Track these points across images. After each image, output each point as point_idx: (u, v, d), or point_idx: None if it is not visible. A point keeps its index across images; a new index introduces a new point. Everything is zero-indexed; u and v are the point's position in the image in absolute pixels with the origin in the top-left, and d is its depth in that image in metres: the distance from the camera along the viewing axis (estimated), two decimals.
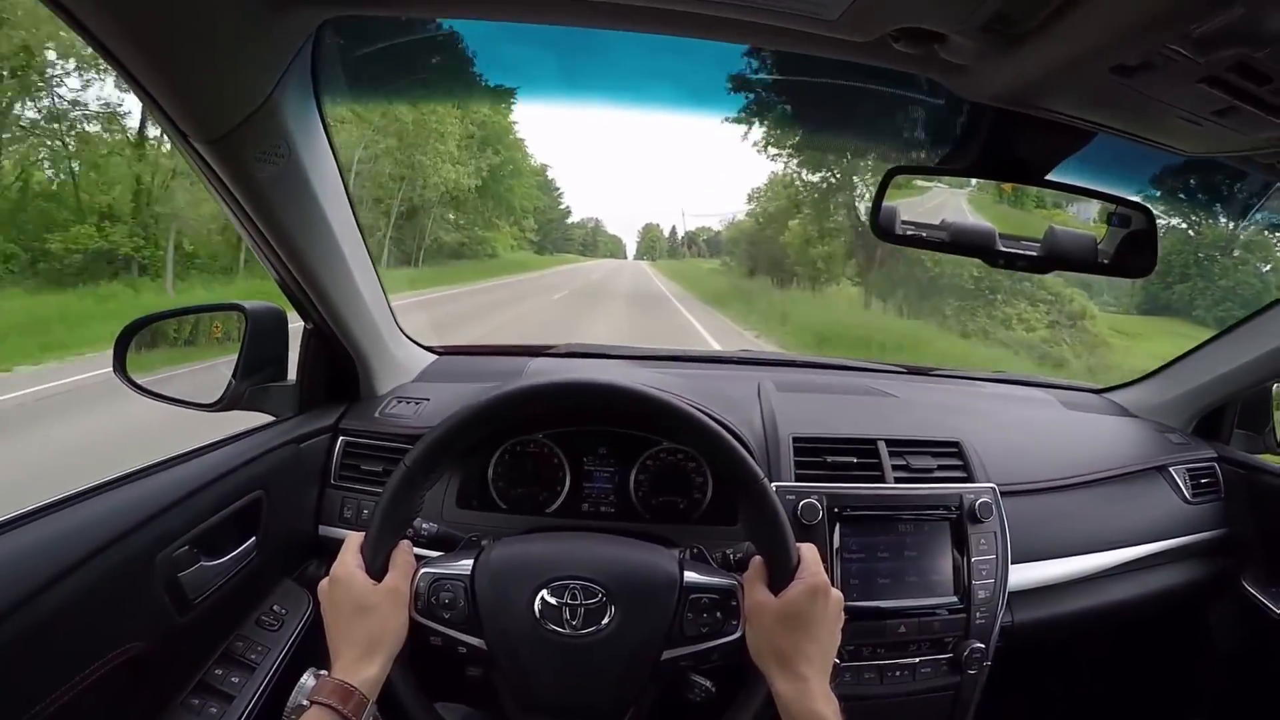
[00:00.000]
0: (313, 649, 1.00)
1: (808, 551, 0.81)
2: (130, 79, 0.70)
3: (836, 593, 0.79)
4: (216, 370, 1.18)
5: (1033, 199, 1.02)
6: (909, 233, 0.96)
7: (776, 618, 0.77)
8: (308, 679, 0.76)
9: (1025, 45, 0.64)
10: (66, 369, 7.05)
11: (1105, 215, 0.97)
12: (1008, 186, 0.99)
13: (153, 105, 0.74)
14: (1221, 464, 1.55)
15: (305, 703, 0.72)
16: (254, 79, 0.78)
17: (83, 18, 0.62)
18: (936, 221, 0.97)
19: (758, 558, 0.83)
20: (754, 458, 0.84)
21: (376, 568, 0.80)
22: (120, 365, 1.12)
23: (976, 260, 0.96)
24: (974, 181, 1.01)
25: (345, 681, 0.72)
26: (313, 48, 0.81)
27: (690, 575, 0.83)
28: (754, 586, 0.80)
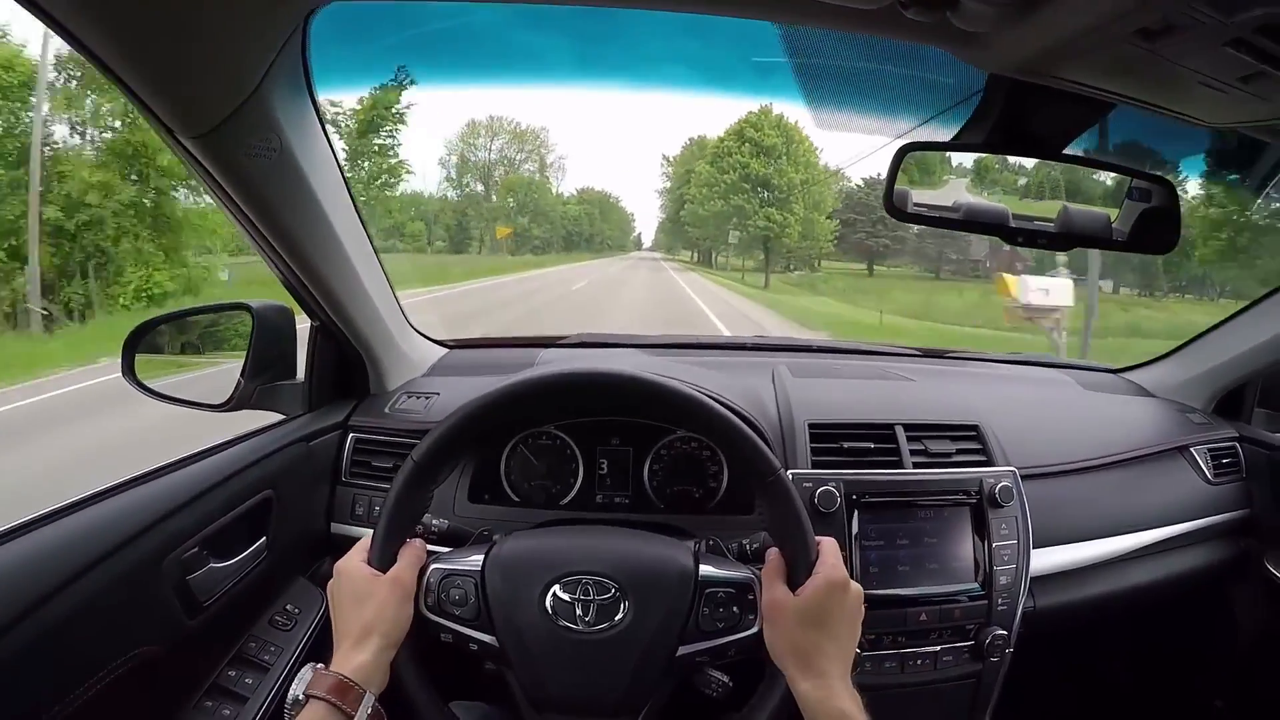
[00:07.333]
0: (327, 647, 1.00)
1: (827, 545, 0.79)
2: (110, 73, 0.68)
3: (856, 586, 0.77)
4: (224, 371, 1.16)
5: None
6: (922, 212, 0.94)
7: (795, 616, 0.74)
8: (305, 672, 0.75)
9: (1044, 8, 0.62)
10: None
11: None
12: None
13: (135, 100, 0.71)
14: (1243, 444, 1.52)
15: (302, 697, 0.70)
16: (241, 69, 0.75)
17: (56, 13, 0.60)
18: (949, 202, 0.95)
19: (775, 551, 0.81)
20: (770, 445, 0.82)
21: (384, 565, 0.78)
22: (129, 368, 1.11)
23: None
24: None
25: (341, 675, 0.70)
26: (303, 35, 0.79)
27: (706, 569, 0.81)
28: (772, 584, 0.78)
